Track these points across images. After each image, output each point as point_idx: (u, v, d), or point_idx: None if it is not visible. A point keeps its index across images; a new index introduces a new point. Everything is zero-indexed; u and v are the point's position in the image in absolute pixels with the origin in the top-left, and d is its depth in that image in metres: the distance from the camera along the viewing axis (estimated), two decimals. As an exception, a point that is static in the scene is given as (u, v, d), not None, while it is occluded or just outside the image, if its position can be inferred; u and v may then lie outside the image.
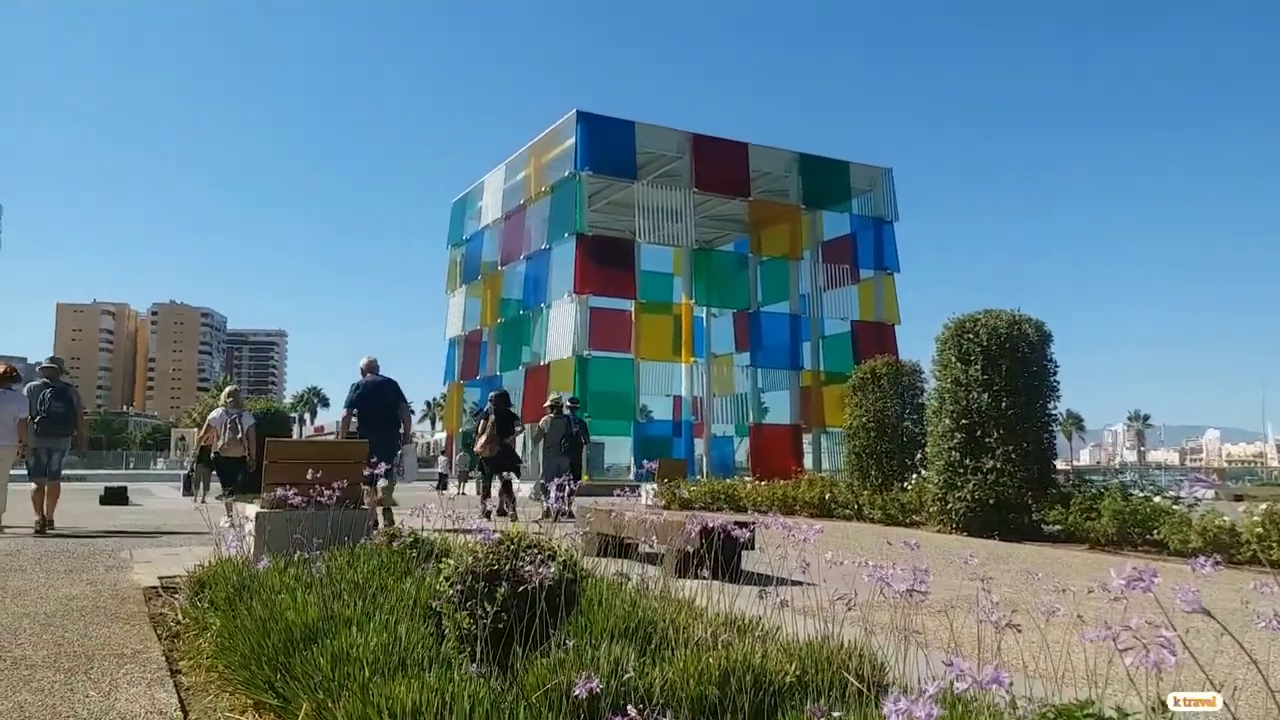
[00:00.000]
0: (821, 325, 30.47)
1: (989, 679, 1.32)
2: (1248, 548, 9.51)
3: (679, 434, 28.41)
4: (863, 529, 12.81)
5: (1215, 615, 1.38)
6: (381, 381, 10.86)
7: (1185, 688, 2.54)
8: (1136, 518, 10.60)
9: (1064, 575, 8.25)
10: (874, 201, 31.34)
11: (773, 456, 26.86)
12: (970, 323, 12.47)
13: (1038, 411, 12.27)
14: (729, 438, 31.24)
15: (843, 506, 14.68)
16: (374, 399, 10.61)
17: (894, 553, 4.04)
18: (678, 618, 4.02)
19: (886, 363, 15.53)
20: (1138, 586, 1.37)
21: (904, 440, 14.96)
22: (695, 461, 27.67)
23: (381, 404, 10.63)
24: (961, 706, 2.70)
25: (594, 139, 26.59)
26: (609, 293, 27.02)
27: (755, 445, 28.64)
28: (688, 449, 27.76)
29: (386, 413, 10.65)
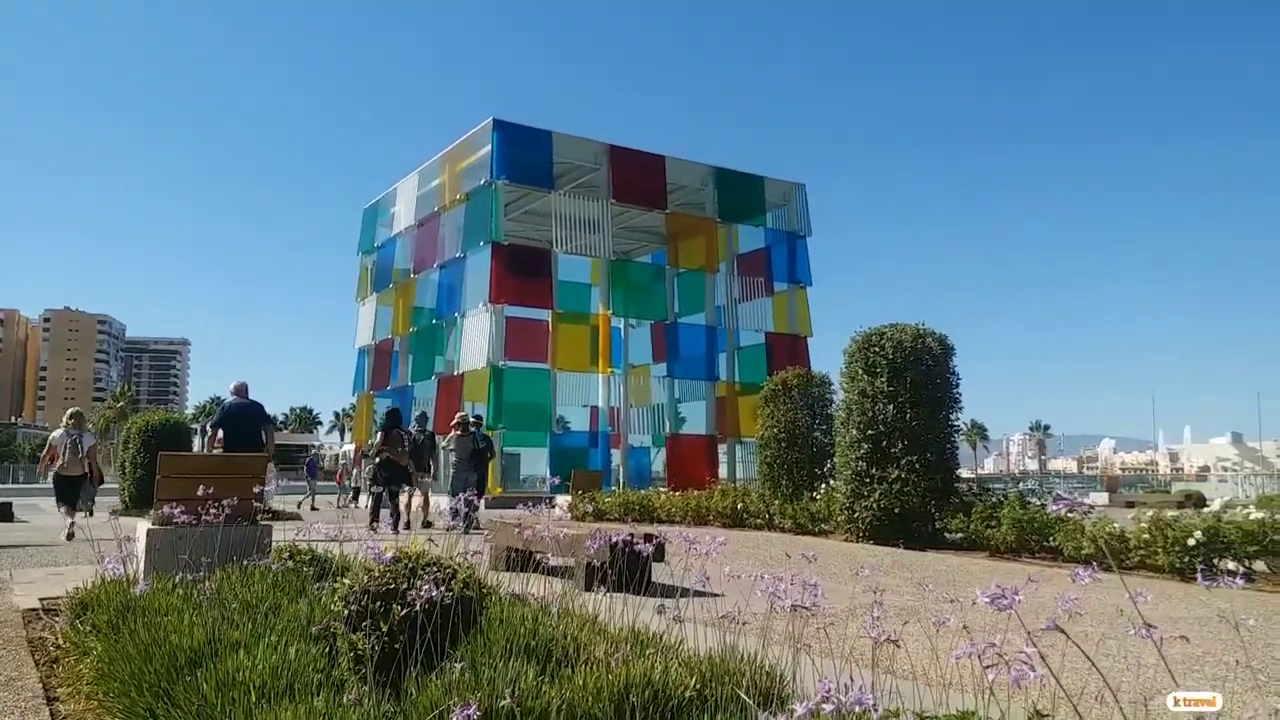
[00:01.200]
0: (737, 337, 30.82)
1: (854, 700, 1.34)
2: (1135, 553, 9.93)
3: (596, 445, 28.35)
4: (773, 538, 12.96)
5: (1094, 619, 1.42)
6: (247, 403, 11.83)
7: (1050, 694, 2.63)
8: (1034, 525, 10.97)
9: (962, 583, 8.49)
10: (788, 216, 31.90)
11: (689, 467, 27.02)
12: (876, 336, 12.76)
13: (941, 422, 12.61)
14: (646, 448, 31.31)
15: (754, 516, 14.84)
16: (239, 419, 11.50)
17: (795, 564, 4.09)
18: (579, 634, 3.99)
19: (797, 374, 15.78)
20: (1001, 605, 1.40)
21: (814, 450, 15.22)
22: (612, 472, 27.64)
23: (246, 424, 11.48)
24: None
25: (511, 147, 26.42)
26: (525, 302, 26.83)
27: (671, 456, 28.78)
28: (605, 460, 27.72)
29: (250, 433, 11.41)
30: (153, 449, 19.04)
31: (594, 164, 28.27)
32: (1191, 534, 9.50)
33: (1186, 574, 9.36)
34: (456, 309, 27.74)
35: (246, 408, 11.74)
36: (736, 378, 30.19)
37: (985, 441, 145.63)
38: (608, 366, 28.17)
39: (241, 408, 11.70)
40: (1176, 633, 5.61)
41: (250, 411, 11.74)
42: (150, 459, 18.96)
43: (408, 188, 32.03)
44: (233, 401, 11.85)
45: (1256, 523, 9.36)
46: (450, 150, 29.21)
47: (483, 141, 27.10)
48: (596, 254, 27.76)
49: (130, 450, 21.21)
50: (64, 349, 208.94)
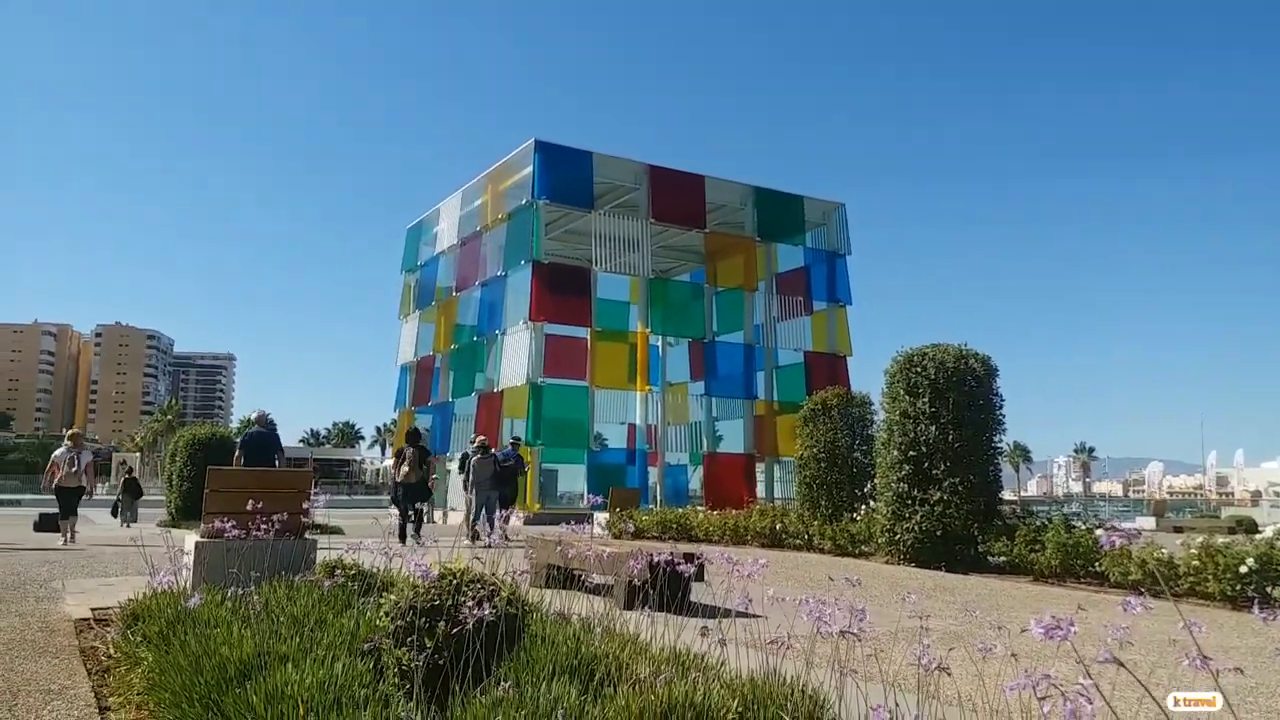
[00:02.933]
0: (775, 355, 30.68)
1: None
2: (1185, 580, 9.71)
3: (633, 462, 28.33)
4: (812, 559, 12.87)
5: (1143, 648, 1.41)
6: (265, 431, 13.78)
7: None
8: (1079, 550, 10.78)
9: (1007, 608, 8.36)
10: (827, 235, 31.77)
11: (726, 485, 26.90)
12: (918, 356, 12.66)
13: (984, 444, 12.46)
14: (683, 466, 31.23)
15: (793, 537, 14.74)
16: (255, 446, 13.29)
17: (837, 587, 4.07)
18: (621, 654, 4.00)
19: (837, 394, 15.69)
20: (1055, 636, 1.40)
21: (854, 471, 15.09)
22: (649, 490, 27.59)
23: (261, 451, 13.26)
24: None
25: (552, 168, 26.67)
26: (564, 320, 26.96)
27: (709, 474, 28.67)
28: (641, 477, 27.69)
29: (265, 458, 13.23)
30: (199, 462, 19.40)
31: (634, 184, 28.43)
32: (1244, 561, 9.28)
33: (1239, 602, 9.14)
34: (497, 326, 27.97)
35: (262, 435, 13.64)
36: (775, 396, 30.04)
37: (1029, 464, 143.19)
38: (646, 384, 28.18)
39: (259, 435, 13.61)
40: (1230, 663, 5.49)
41: (266, 439, 13.62)
42: (197, 472, 19.32)
43: (450, 207, 32.45)
44: (254, 430, 13.81)
45: (1312, 550, 9.12)
46: (492, 170, 29.56)
47: (524, 162, 27.39)
48: (635, 273, 27.86)
49: (177, 463, 21.61)
50: (114, 363, 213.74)
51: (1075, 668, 2.74)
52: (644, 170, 28.34)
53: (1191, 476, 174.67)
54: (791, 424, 18.71)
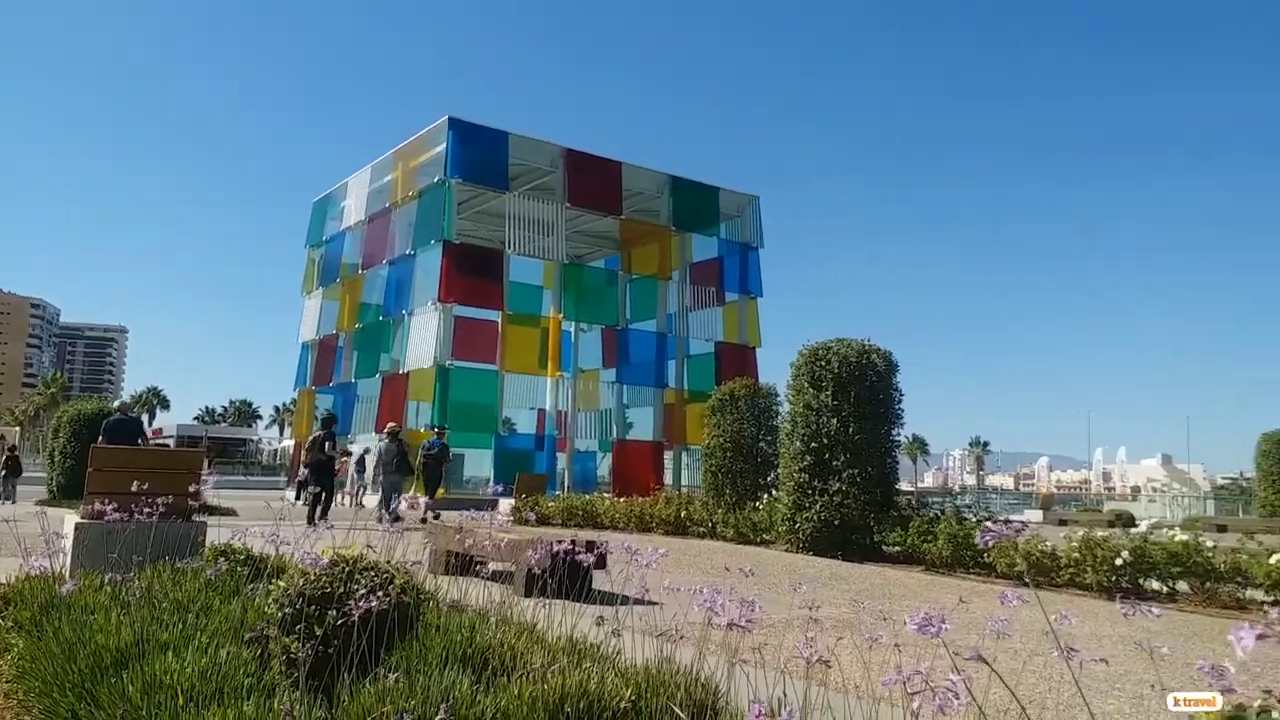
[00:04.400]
0: (687, 345, 30.92)
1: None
2: (1066, 571, 10.18)
3: (542, 448, 28.23)
4: (715, 547, 13.04)
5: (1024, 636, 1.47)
6: (128, 418, 14.31)
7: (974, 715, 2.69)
8: (969, 541, 11.17)
9: (898, 597, 8.63)
10: (741, 227, 32.12)
11: (634, 473, 27.05)
12: (823, 350, 12.92)
13: (882, 437, 12.81)
14: (592, 453, 31.25)
15: (697, 524, 14.91)
16: (119, 432, 13.39)
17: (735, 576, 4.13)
18: (516, 644, 3.97)
19: (745, 385, 15.91)
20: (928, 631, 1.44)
21: (758, 461, 15.35)
22: (557, 476, 27.53)
23: (125, 438, 13.25)
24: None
25: (465, 146, 26.23)
26: (475, 302, 26.62)
27: (617, 461, 28.76)
28: (550, 464, 27.60)
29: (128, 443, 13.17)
30: (84, 439, 18.51)
31: (550, 167, 28.21)
32: (1119, 554, 9.77)
33: (1114, 592, 9.62)
34: (405, 306, 27.43)
35: (125, 422, 13.98)
36: (685, 385, 30.29)
37: (926, 456, 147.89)
38: (557, 370, 28.07)
39: (121, 422, 13.88)
40: (1101, 651, 5.77)
41: (130, 425, 13.98)
42: (81, 449, 18.42)
43: (359, 182, 31.62)
44: (115, 418, 14.10)
45: (1180, 545, 9.65)
46: (404, 147, 28.92)
47: (437, 140, 26.86)
48: (549, 257, 27.67)
49: (60, 439, 20.60)
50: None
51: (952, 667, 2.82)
52: (560, 153, 28.14)
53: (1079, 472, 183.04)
54: (701, 413, 18.92)
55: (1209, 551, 9.44)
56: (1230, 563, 9.29)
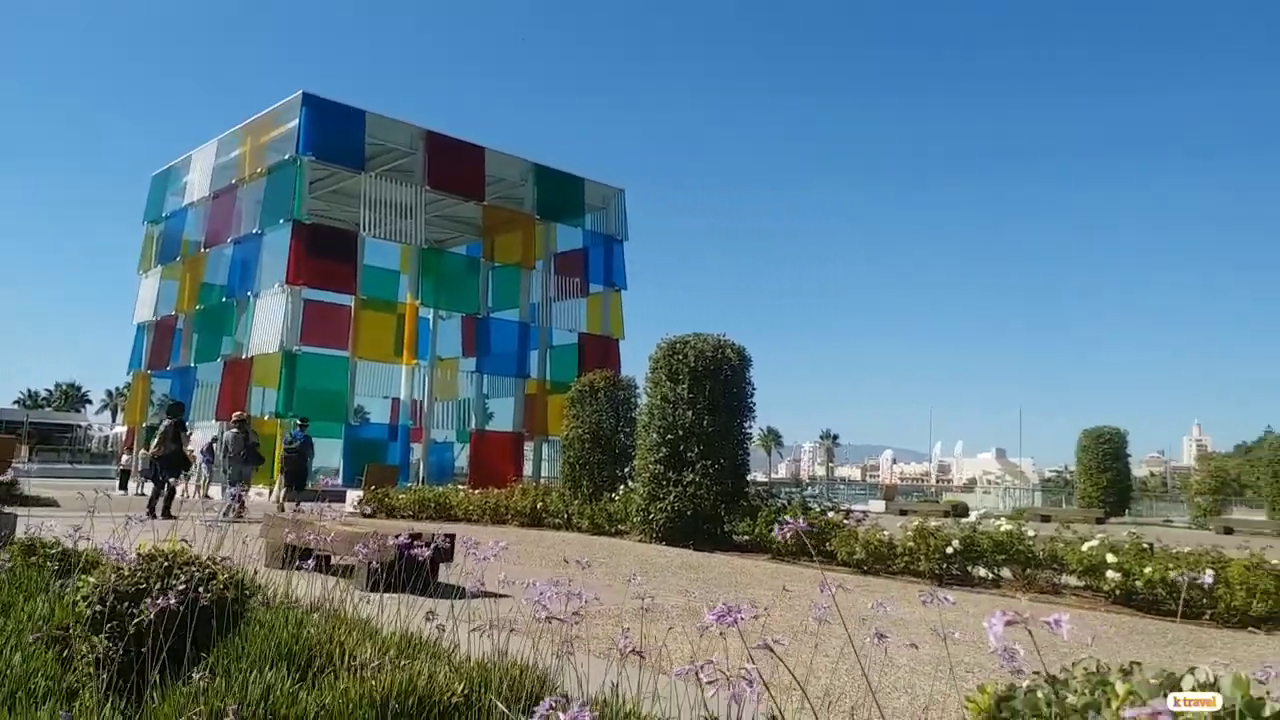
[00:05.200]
0: (550, 335, 30.77)
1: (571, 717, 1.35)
2: (901, 559, 10.67)
3: (395, 438, 27.49)
4: (569, 539, 13.02)
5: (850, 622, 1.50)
6: None
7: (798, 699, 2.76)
8: (813, 531, 11.56)
9: (744, 585, 8.83)
10: (607, 219, 32.18)
11: (493, 464, 26.69)
12: (680, 344, 13.10)
13: (735, 429, 13.11)
14: (449, 444, 30.68)
15: (553, 516, 14.86)
16: None
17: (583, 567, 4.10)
18: (347, 639, 3.82)
19: (604, 376, 15.94)
20: (725, 621, 1.45)
21: (616, 452, 15.42)
22: (411, 467, 26.89)
23: None
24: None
25: (320, 123, 25.14)
26: (326, 286, 25.57)
27: (476, 452, 28.32)
28: (404, 454, 26.92)
29: None
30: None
31: (409, 148, 27.42)
32: (950, 543, 10.32)
33: (945, 579, 10.15)
34: (250, 288, 26.09)
35: None
36: (548, 376, 30.12)
37: (780, 448, 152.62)
38: (413, 358, 27.36)
39: None
40: (928, 634, 6.05)
41: None
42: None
43: (204, 157, 29.86)
44: None
45: (1005, 534, 10.26)
46: (253, 121, 27.49)
47: (290, 115, 25.64)
48: (407, 240, 26.91)
49: None
50: None
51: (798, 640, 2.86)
52: (421, 135, 27.40)
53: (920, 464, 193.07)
54: (562, 404, 18.88)
55: (1030, 540, 10.08)
56: (1048, 551, 9.94)
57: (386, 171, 27.10)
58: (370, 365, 26.99)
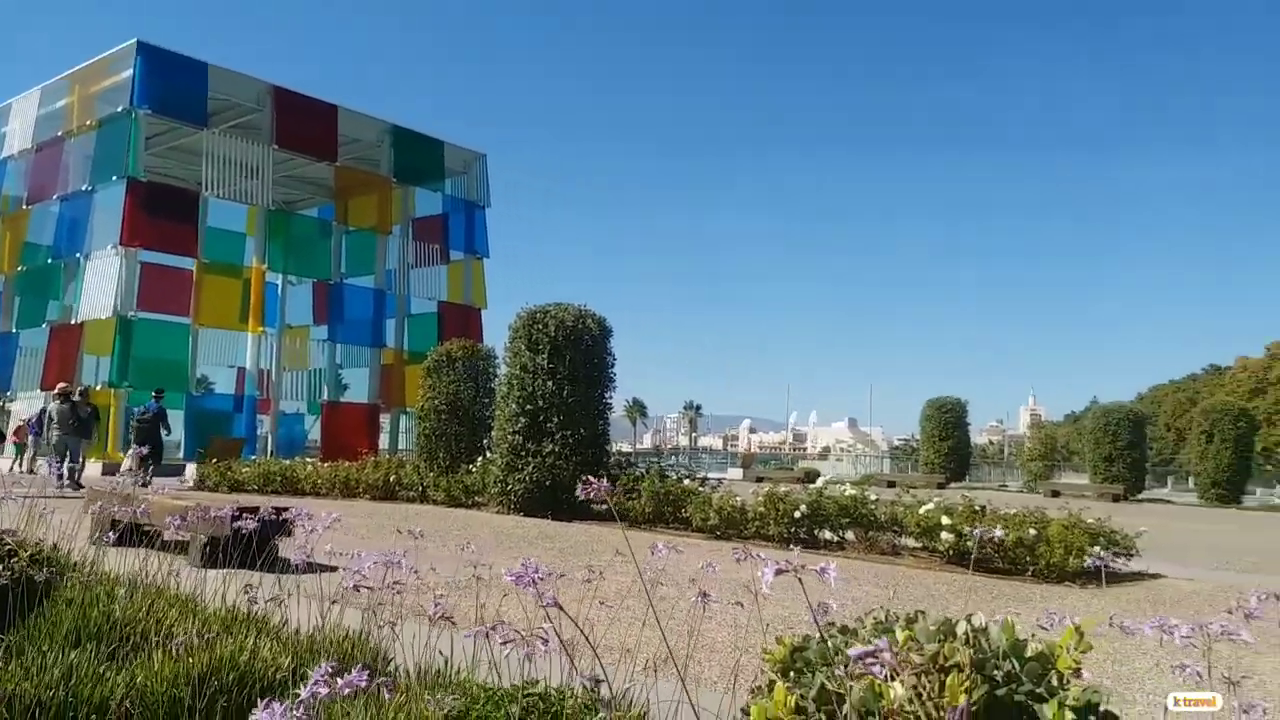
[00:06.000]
0: (408, 303, 30.01)
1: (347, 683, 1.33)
2: (753, 524, 10.99)
3: (241, 409, 26.27)
4: (423, 511, 12.79)
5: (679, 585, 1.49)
6: None
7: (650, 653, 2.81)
8: (669, 498, 11.75)
9: (599, 552, 8.90)
10: (467, 184, 31.54)
11: (346, 436, 25.85)
12: (541, 314, 13.00)
13: (595, 400, 13.14)
14: (300, 415, 29.61)
15: (408, 489, 14.54)
16: None
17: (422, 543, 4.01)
18: (166, 616, 3.61)
19: (462, 346, 15.65)
20: (522, 583, 1.44)
21: (475, 423, 15.20)
22: (259, 440, 25.80)
23: None
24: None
25: (157, 74, 23.51)
26: (165, 248, 24.10)
27: (328, 424, 27.38)
28: (250, 426, 25.75)
29: None
30: None
31: (256, 104, 26.03)
32: (798, 508, 10.69)
33: (793, 542, 10.51)
34: (79, 249, 24.27)
35: None
36: (405, 345, 29.43)
37: (644, 419, 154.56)
38: (260, 325, 26.12)
39: None
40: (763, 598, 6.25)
41: None
42: None
43: (26, 105, 27.48)
44: None
45: (849, 499, 10.71)
46: (82, 69, 25.44)
47: (123, 64, 23.88)
48: (253, 201, 25.60)
49: None
50: None
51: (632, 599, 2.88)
52: (268, 91, 26.05)
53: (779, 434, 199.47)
54: (420, 374, 18.44)
55: (872, 504, 10.55)
56: (889, 514, 10.43)
57: (231, 128, 25.64)
58: (214, 333, 25.72)
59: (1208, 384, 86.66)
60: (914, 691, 1.21)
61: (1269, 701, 4.06)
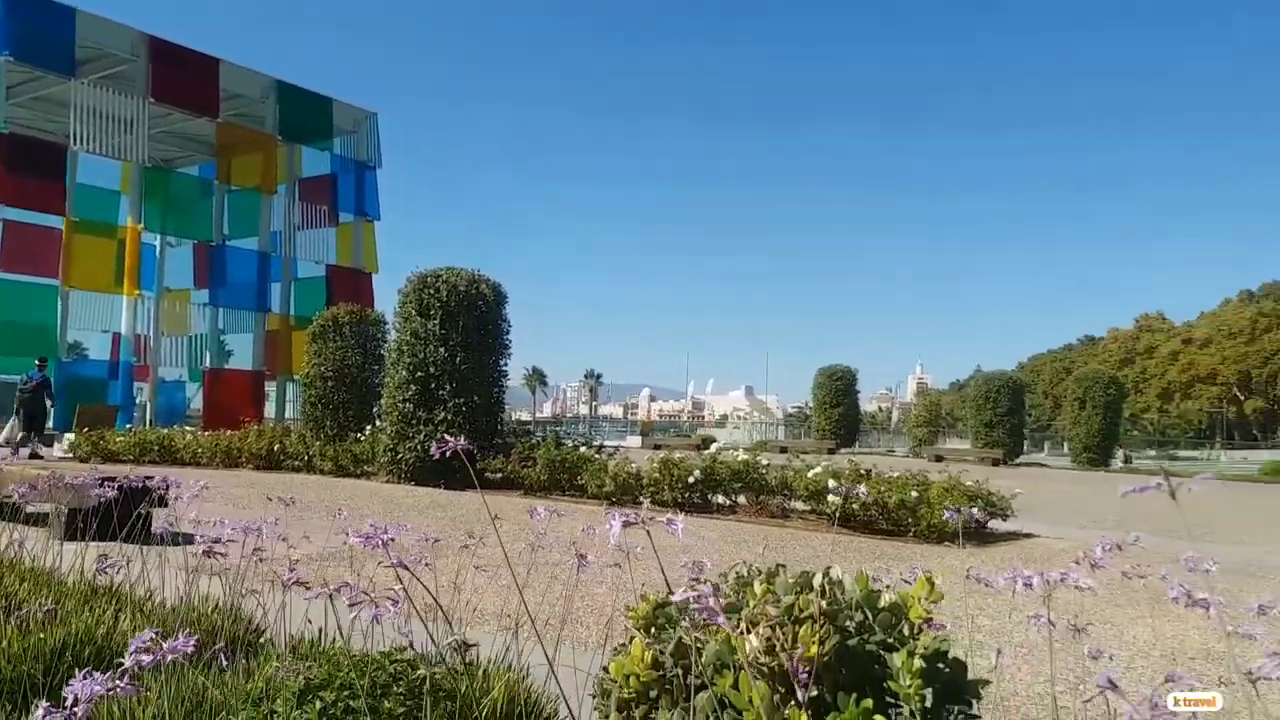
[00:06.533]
0: (295, 267, 28.95)
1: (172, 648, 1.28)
2: (648, 490, 11.07)
3: (116, 376, 24.98)
4: (308, 481, 12.46)
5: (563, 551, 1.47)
6: None
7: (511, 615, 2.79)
8: (565, 465, 11.75)
9: (488, 521, 8.84)
10: (357, 144, 30.49)
11: (230, 404, 24.86)
12: (432, 278, 12.73)
13: (489, 367, 12.98)
14: (181, 383, 28.35)
15: (292, 458, 14.13)
16: None
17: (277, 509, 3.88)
18: (19, 590, 3.41)
19: (349, 310, 15.23)
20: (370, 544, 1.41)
21: (363, 391, 14.85)
22: (136, 408, 24.63)
23: None
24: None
25: (19, 18, 21.85)
26: (29, 205, 22.55)
27: (210, 392, 26.29)
28: (126, 394, 24.53)
29: None
30: None
31: (130, 54, 24.49)
32: (692, 473, 10.84)
33: (687, 507, 10.65)
34: (-68, 204, 22.55)
35: None
36: (292, 310, 28.43)
37: (545, 387, 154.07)
38: (136, 288, 24.77)
39: None
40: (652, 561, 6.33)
41: None
42: None
43: None
44: None
45: (741, 463, 10.91)
46: (-70, 8, 23.47)
47: (-21, 5, 22.14)
48: (128, 157, 24.16)
49: None
50: None
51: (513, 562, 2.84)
52: (142, 40, 24.54)
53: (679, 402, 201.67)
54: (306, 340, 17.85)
55: (763, 469, 10.77)
56: (779, 478, 10.68)
57: (103, 79, 24.07)
58: (86, 296, 24.34)
59: (1082, 354, 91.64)
60: (768, 643, 1.22)
61: (1125, 650, 4.33)
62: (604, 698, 1.53)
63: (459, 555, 3.29)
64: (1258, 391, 76.03)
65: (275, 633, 3.14)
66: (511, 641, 2.85)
